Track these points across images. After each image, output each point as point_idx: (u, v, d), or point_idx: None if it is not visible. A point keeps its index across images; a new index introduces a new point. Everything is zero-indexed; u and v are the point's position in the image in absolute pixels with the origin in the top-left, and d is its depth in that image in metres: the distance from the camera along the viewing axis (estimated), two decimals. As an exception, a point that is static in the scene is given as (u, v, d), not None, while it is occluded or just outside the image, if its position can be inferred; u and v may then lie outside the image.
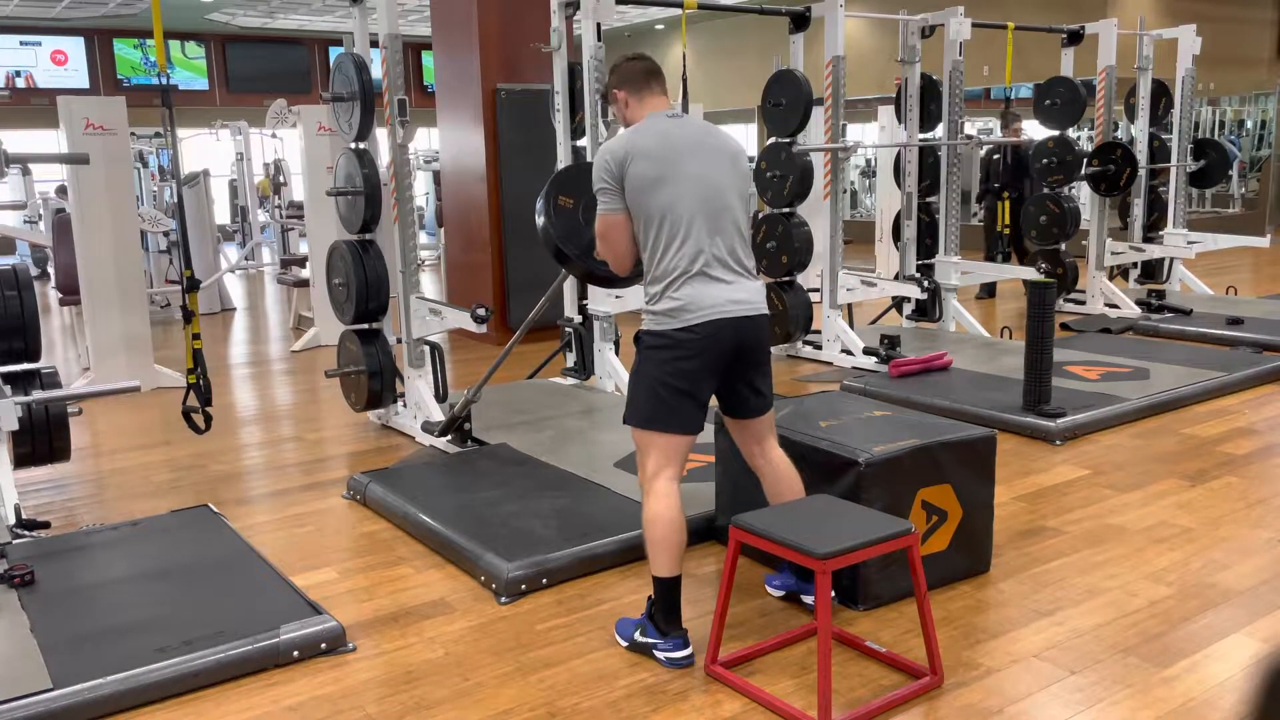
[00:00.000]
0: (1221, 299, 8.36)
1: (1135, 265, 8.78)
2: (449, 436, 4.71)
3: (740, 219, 2.81)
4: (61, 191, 11.73)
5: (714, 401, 2.90)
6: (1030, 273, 6.78)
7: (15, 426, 3.82)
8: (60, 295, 7.39)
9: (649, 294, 2.78)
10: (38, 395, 3.96)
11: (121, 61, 17.53)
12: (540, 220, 3.38)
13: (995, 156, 8.72)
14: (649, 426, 2.75)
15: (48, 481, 4.58)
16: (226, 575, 3.37)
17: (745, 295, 2.75)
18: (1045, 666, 2.74)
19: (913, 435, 3.18)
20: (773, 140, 6.43)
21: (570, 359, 5.80)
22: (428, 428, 4.86)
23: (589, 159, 5.29)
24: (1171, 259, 8.66)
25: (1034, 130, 8.62)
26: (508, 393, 5.65)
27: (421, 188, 14.77)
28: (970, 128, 13.00)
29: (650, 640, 2.79)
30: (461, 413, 4.59)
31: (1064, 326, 7.32)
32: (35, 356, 4.09)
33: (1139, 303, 7.88)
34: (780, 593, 3.18)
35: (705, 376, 2.75)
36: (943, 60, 7.06)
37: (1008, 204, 8.33)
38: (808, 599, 3.06)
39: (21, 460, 4.04)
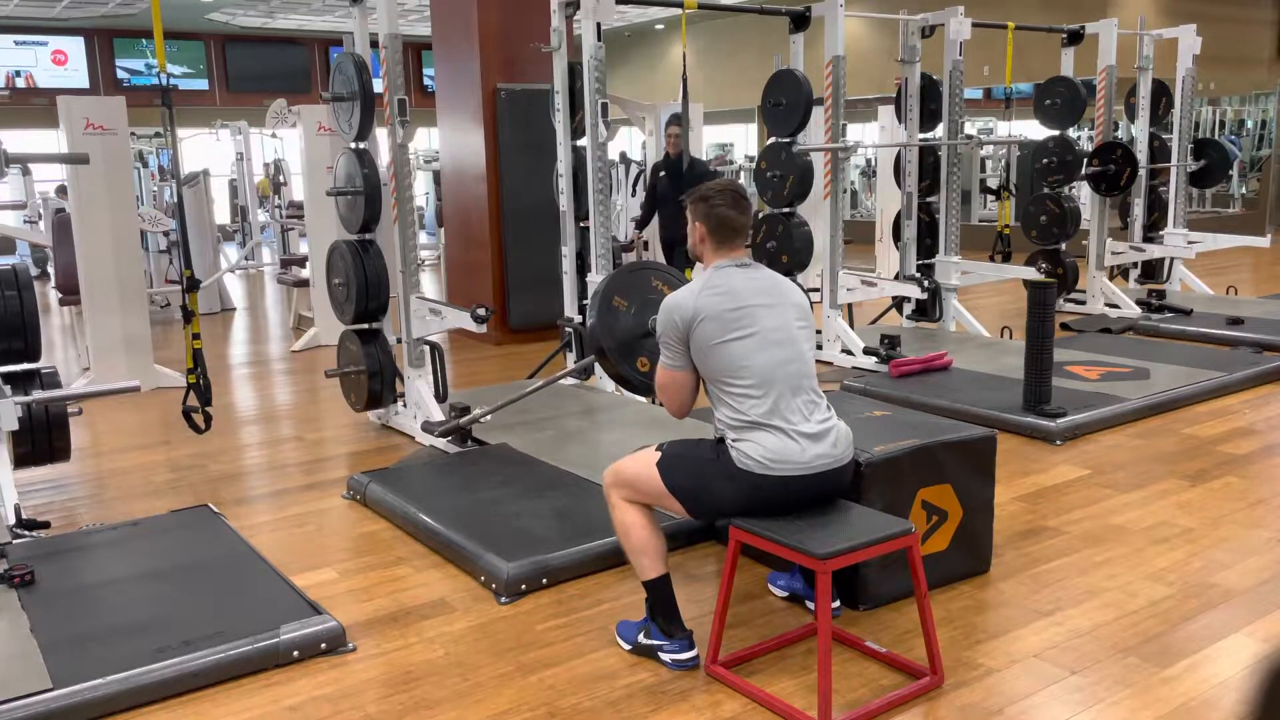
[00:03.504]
0: (1221, 299, 8.36)
1: (1135, 265, 8.78)
2: (449, 437, 4.71)
3: (813, 368, 2.77)
4: (61, 191, 11.73)
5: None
6: (1030, 273, 6.78)
7: (15, 426, 3.82)
8: (60, 295, 7.39)
9: (727, 435, 2.69)
10: (38, 395, 3.96)
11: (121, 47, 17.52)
12: (591, 319, 3.35)
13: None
14: (674, 494, 2.72)
15: (48, 481, 4.58)
16: (226, 575, 3.37)
17: (828, 447, 2.67)
18: (1045, 666, 2.74)
19: (913, 435, 3.18)
20: (773, 140, 6.43)
21: (570, 359, 5.80)
22: (428, 428, 4.86)
23: (589, 159, 5.30)
24: (1171, 259, 8.66)
25: (1033, 130, 8.60)
26: (508, 393, 5.64)
27: (421, 188, 14.77)
28: (970, 128, 13.01)
29: (655, 642, 2.79)
30: (466, 425, 4.59)
31: (1064, 326, 7.32)
32: (35, 356, 4.09)
33: (1139, 303, 7.88)
34: (783, 594, 3.18)
35: (749, 512, 2.69)
36: (943, 60, 7.05)
37: (1008, 204, 8.33)
38: (812, 605, 3.06)
39: (21, 460, 4.03)
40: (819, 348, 6.63)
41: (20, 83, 16.91)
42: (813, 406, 2.70)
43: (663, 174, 7.21)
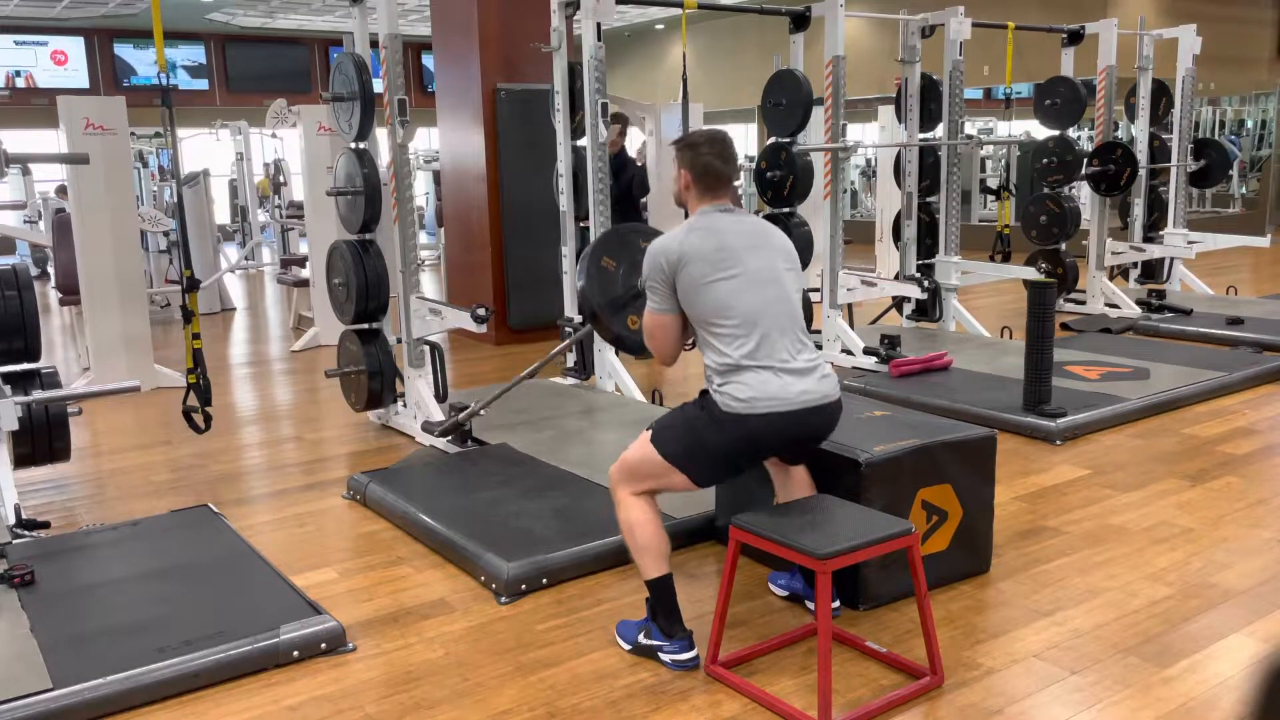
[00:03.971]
0: (1221, 299, 8.36)
1: (1135, 265, 8.78)
2: (449, 437, 4.71)
3: (798, 310, 2.79)
4: (61, 191, 11.73)
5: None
6: (1030, 273, 6.78)
7: (15, 426, 3.82)
8: (60, 295, 7.39)
9: (713, 380, 2.72)
10: (38, 395, 3.96)
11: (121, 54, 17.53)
12: (581, 281, 3.37)
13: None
14: (674, 463, 2.73)
15: (48, 481, 4.58)
16: (226, 575, 3.37)
17: (814, 384, 2.70)
18: (1045, 666, 2.74)
19: (913, 435, 3.18)
20: (773, 140, 6.43)
21: (570, 359, 5.80)
22: (428, 428, 4.86)
23: (589, 159, 5.30)
24: (1171, 259, 8.66)
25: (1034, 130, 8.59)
26: (508, 393, 5.64)
27: (421, 188, 14.78)
28: (970, 128, 13.01)
29: (656, 642, 2.79)
30: (464, 421, 4.59)
31: (1064, 326, 7.32)
32: (35, 356, 4.09)
33: (1139, 303, 7.88)
34: (784, 593, 3.18)
35: (746, 458, 2.74)
36: (943, 60, 7.05)
37: (1008, 204, 8.33)
38: (812, 605, 3.06)
39: (21, 460, 4.03)
40: (819, 347, 6.63)
41: (20, 83, 16.91)
42: (799, 347, 2.74)
43: None
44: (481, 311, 4.58)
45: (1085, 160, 7.83)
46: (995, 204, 13.48)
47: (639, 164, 6.50)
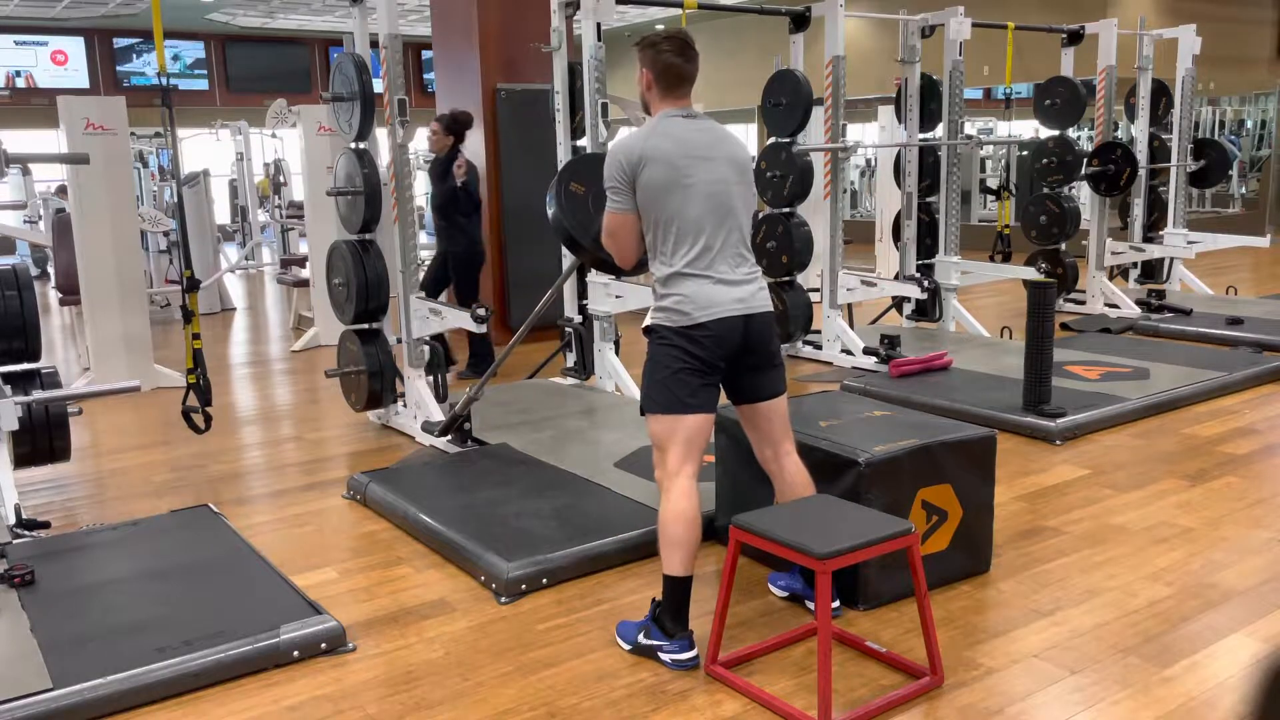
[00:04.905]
0: (1221, 299, 8.36)
1: (1135, 265, 8.78)
2: (449, 436, 4.71)
3: (744, 224, 2.87)
4: (61, 191, 11.73)
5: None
6: (1030, 273, 6.78)
7: (15, 426, 3.82)
8: (60, 295, 7.39)
9: (657, 291, 2.83)
10: (38, 395, 3.96)
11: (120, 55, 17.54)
12: (551, 209, 3.39)
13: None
14: (669, 410, 2.77)
15: (48, 481, 4.58)
16: (226, 575, 3.37)
17: (748, 294, 2.81)
18: (1045, 666, 2.74)
19: (913, 435, 3.18)
20: (773, 140, 6.43)
21: (570, 359, 5.80)
22: (428, 428, 4.86)
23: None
24: (1171, 259, 8.66)
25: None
26: (508, 393, 5.65)
27: (421, 188, 14.77)
28: (970, 128, 13.02)
29: (656, 642, 2.79)
30: (463, 411, 4.59)
31: (1064, 326, 7.32)
32: (35, 356, 4.09)
33: (1139, 303, 7.88)
34: (784, 593, 3.18)
35: (715, 364, 2.80)
36: (943, 60, 7.06)
37: (1008, 204, 8.33)
38: (812, 605, 3.06)
39: (21, 460, 4.03)
40: (818, 347, 6.63)
41: (20, 83, 16.91)
42: (739, 260, 2.83)
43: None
44: (481, 311, 4.58)
45: (1085, 160, 7.83)
46: (995, 204, 13.48)
47: (464, 168, 6.01)
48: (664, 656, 2.77)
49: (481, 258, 6.36)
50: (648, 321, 2.89)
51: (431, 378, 5.08)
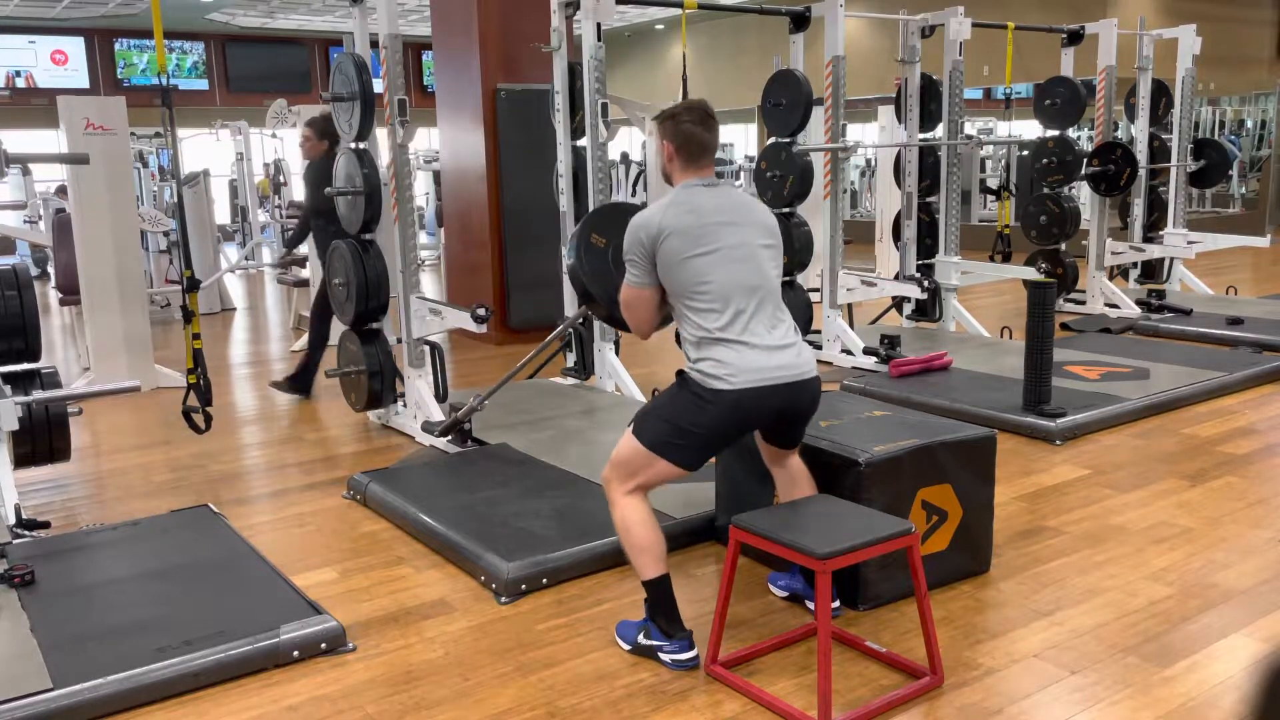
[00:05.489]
0: (1221, 299, 8.36)
1: (1135, 265, 8.78)
2: (449, 436, 4.71)
3: (777, 286, 2.80)
4: (61, 191, 11.73)
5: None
6: (1030, 273, 6.78)
7: (15, 426, 3.82)
8: (60, 295, 7.39)
9: (690, 355, 2.75)
10: (38, 395, 3.96)
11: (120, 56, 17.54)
12: (570, 259, 3.35)
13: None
14: (654, 449, 2.73)
15: (48, 481, 4.58)
16: (226, 575, 3.37)
17: (791, 360, 2.72)
18: (1045, 666, 2.74)
19: (913, 435, 3.18)
20: (773, 140, 6.43)
21: (570, 359, 5.80)
22: (428, 428, 4.86)
23: (589, 159, 5.30)
24: (1171, 259, 8.66)
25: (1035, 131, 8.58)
26: (508, 393, 5.63)
27: (421, 188, 14.79)
28: (970, 128, 13.02)
29: (655, 642, 2.79)
30: (464, 418, 4.59)
31: (1064, 326, 7.32)
32: (35, 356, 4.09)
33: (1139, 303, 7.88)
34: (784, 593, 3.18)
35: (731, 435, 2.74)
36: (943, 60, 7.05)
37: (1008, 204, 8.34)
38: (812, 605, 3.06)
39: (21, 460, 4.03)
40: (818, 347, 6.63)
41: (20, 83, 16.92)
42: (775, 323, 2.74)
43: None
44: (481, 311, 4.58)
45: (1085, 160, 7.83)
46: (995, 204, 13.48)
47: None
48: (664, 656, 2.77)
49: None
50: (684, 369, 2.80)
51: (431, 378, 5.08)
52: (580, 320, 5.63)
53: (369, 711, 2.62)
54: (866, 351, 6.29)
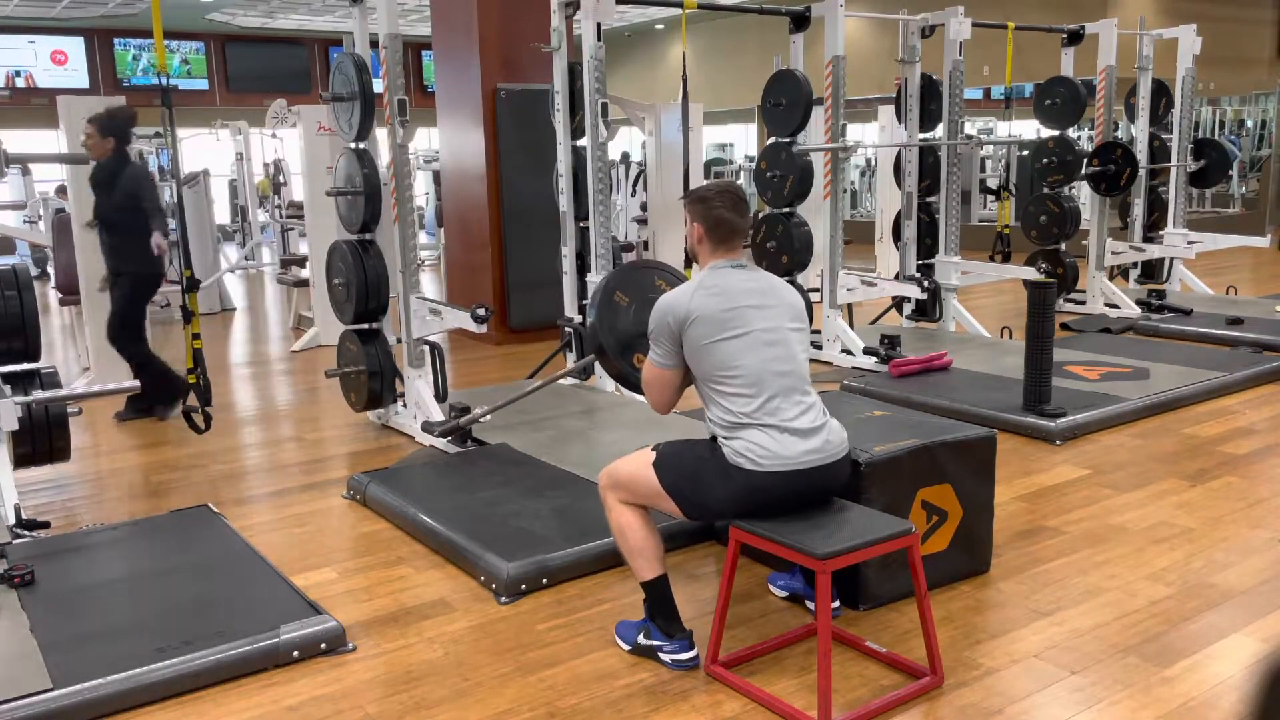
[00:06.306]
0: (1221, 299, 8.36)
1: (1135, 265, 8.78)
2: (449, 437, 4.71)
3: (805, 370, 2.76)
4: (61, 191, 11.73)
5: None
6: (1030, 273, 6.78)
7: (15, 426, 3.82)
8: (60, 295, 7.39)
9: (721, 436, 2.70)
10: (38, 395, 3.96)
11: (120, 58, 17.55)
12: (592, 316, 3.32)
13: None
14: (670, 494, 2.71)
15: (48, 481, 4.58)
16: (226, 575, 3.37)
17: (821, 444, 2.68)
18: (1045, 666, 2.74)
19: (913, 435, 3.18)
20: (773, 140, 6.43)
21: (570, 359, 5.80)
22: (428, 428, 4.86)
23: (589, 159, 5.30)
24: (1171, 259, 8.66)
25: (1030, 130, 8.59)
26: (508, 393, 5.64)
27: (421, 188, 14.78)
28: (970, 128, 13.02)
29: (655, 642, 2.79)
30: (466, 425, 4.59)
31: (1064, 326, 7.32)
32: (35, 356, 4.09)
33: (1139, 303, 7.88)
34: (784, 594, 3.18)
35: (747, 510, 2.68)
36: (943, 60, 7.06)
37: (1008, 204, 8.33)
38: (812, 605, 3.06)
39: (21, 460, 4.03)
40: (818, 347, 6.63)
41: (20, 83, 16.91)
42: (804, 406, 2.69)
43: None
44: (481, 311, 4.58)
45: (1085, 160, 7.83)
46: (995, 204, 13.49)
47: (141, 168, 5.37)
48: (664, 656, 2.78)
49: (160, 279, 5.56)
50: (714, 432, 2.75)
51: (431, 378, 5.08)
52: (580, 321, 5.63)
53: (369, 711, 2.62)
54: (866, 351, 6.29)
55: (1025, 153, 11.79)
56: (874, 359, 6.19)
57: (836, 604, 3.00)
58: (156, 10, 4.22)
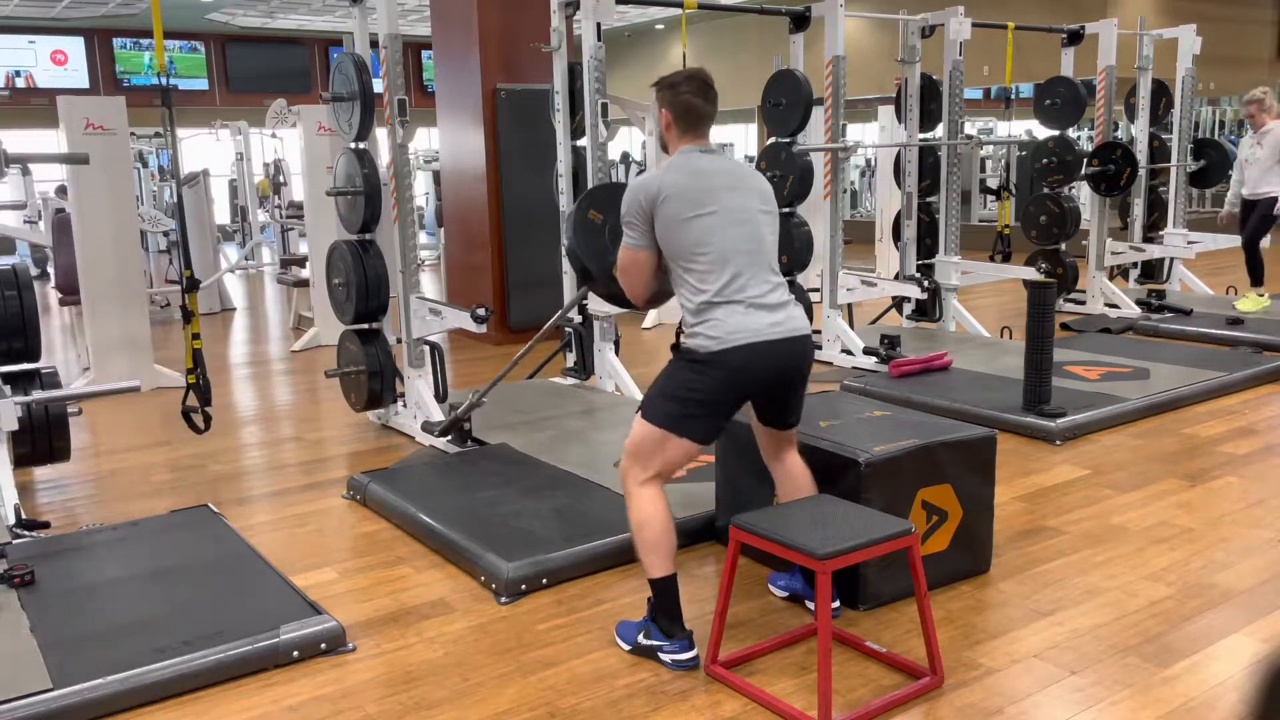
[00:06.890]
0: (1221, 299, 8.36)
1: (1135, 265, 8.78)
2: (449, 436, 4.71)
3: (773, 251, 2.83)
4: (61, 191, 11.74)
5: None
6: (1030, 273, 6.78)
7: (15, 426, 3.82)
8: (60, 295, 7.40)
9: (688, 320, 2.77)
10: (38, 395, 3.96)
11: (121, 57, 17.55)
12: (567, 239, 3.37)
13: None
14: (665, 425, 2.73)
15: (48, 481, 4.58)
16: (226, 575, 3.37)
17: (785, 318, 2.75)
18: (1045, 666, 2.74)
19: (913, 435, 3.18)
20: (773, 140, 6.43)
21: (570, 359, 5.80)
22: (428, 428, 4.86)
23: (589, 159, 5.30)
24: (1171, 259, 8.66)
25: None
26: (508, 393, 5.64)
27: (421, 188, 14.79)
28: (970, 128, 13.01)
29: (655, 642, 2.79)
30: (464, 415, 4.59)
31: (1064, 326, 7.32)
32: (35, 356, 4.10)
33: (1139, 303, 7.88)
34: (784, 594, 3.17)
35: (736, 397, 2.76)
36: (943, 60, 7.05)
37: (1008, 204, 8.33)
38: (812, 605, 3.06)
39: (21, 460, 4.04)
40: (818, 347, 6.63)
41: (20, 83, 16.91)
42: (770, 285, 2.77)
43: None
44: (481, 312, 4.58)
45: (1085, 160, 7.83)
46: (995, 204, 13.48)
47: None
48: (664, 656, 2.77)
49: None
50: (679, 341, 2.83)
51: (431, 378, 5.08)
52: (580, 320, 5.63)
53: (369, 711, 2.62)
54: (866, 351, 6.29)
55: (1023, 153, 11.79)
56: (874, 359, 6.19)
57: (836, 604, 3.00)
58: (156, 10, 4.22)
